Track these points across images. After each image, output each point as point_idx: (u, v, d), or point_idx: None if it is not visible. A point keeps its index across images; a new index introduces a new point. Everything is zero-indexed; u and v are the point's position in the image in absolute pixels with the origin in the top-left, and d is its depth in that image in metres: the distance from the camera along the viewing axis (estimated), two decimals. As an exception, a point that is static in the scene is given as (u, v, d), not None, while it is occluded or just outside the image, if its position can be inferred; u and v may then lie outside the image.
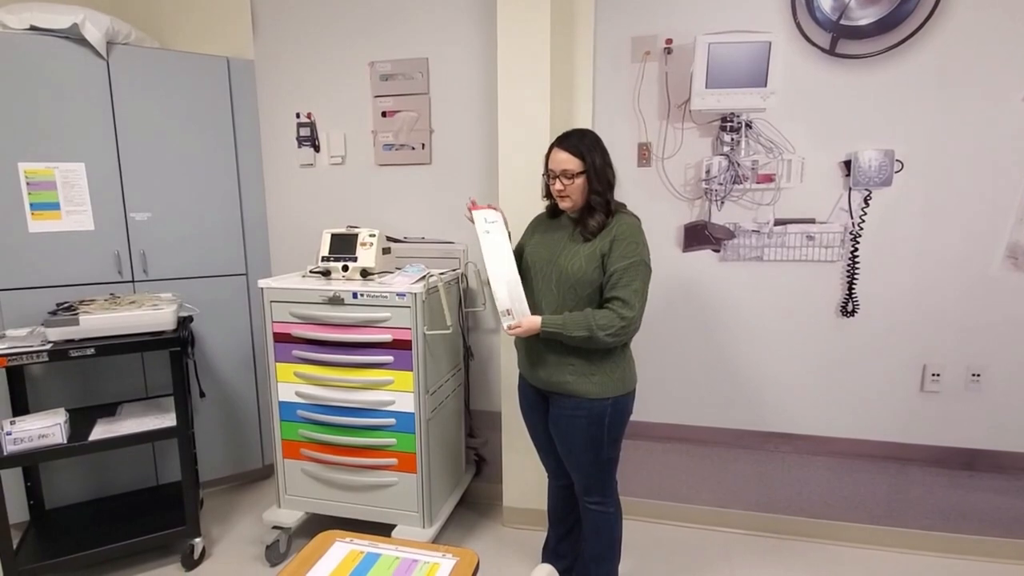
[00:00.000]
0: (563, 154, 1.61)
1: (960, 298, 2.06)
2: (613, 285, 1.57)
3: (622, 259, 1.57)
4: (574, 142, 1.62)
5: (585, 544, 1.82)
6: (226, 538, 2.32)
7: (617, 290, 1.56)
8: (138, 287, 2.34)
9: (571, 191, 1.62)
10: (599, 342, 1.56)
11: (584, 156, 1.60)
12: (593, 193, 1.62)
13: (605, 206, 1.63)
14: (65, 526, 2.18)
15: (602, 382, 1.64)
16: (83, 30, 2.10)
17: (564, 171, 1.60)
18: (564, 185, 1.61)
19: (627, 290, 1.56)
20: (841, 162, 2.06)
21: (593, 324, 1.54)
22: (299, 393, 2.13)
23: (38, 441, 1.89)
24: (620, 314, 1.54)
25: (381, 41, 2.41)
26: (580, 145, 1.61)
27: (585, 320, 1.56)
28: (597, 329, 1.54)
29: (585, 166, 1.60)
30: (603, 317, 1.55)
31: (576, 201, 1.63)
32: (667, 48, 2.12)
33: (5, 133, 2.08)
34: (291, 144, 2.59)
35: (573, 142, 1.62)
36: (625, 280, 1.56)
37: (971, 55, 1.92)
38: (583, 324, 1.55)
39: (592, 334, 1.55)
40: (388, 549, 1.21)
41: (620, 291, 1.56)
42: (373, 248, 2.14)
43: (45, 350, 1.85)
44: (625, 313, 1.54)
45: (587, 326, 1.55)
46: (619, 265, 1.57)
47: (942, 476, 2.17)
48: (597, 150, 1.62)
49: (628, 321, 1.55)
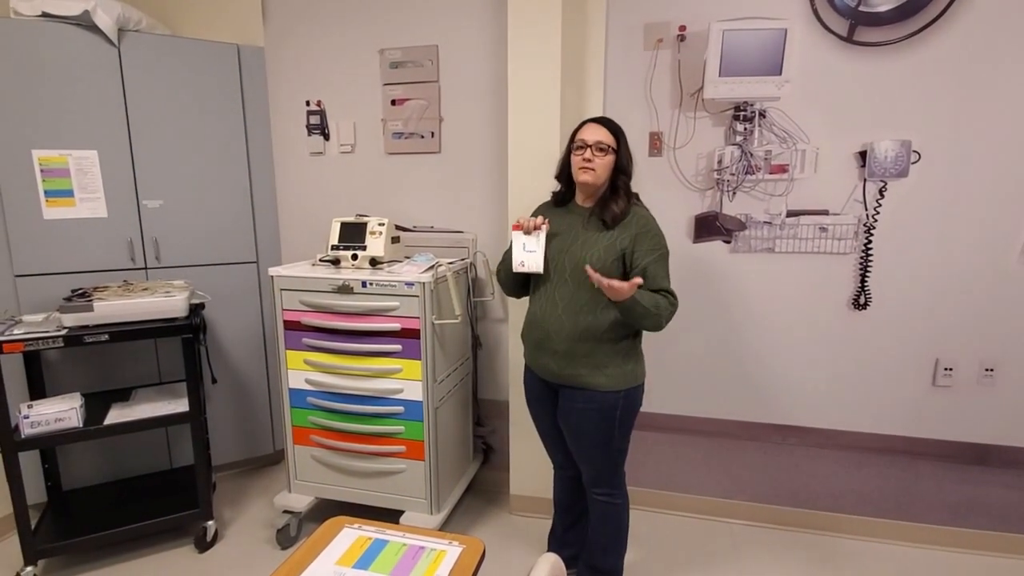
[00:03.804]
0: (600, 128, 1.65)
1: (975, 292, 2.02)
2: (652, 277, 1.60)
3: (652, 252, 1.61)
4: (609, 121, 1.67)
5: (592, 534, 1.84)
6: (238, 521, 2.37)
7: (658, 282, 1.61)
8: (151, 274, 2.37)
9: (599, 165, 1.63)
10: (656, 323, 1.58)
11: (618, 136, 1.66)
12: (620, 173, 1.66)
13: (628, 190, 1.66)
14: (81, 507, 2.23)
15: (614, 375, 1.65)
16: (94, 17, 2.10)
17: (598, 142, 1.63)
18: (593, 156, 1.62)
19: (666, 280, 1.63)
20: (856, 152, 2.02)
21: (659, 304, 1.57)
22: (309, 380, 2.15)
23: (55, 425, 1.93)
24: (670, 301, 1.60)
25: (391, 28, 2.39)
26: (615, 125, 1.67)
27: (654, 299, 1.57)
28: (661, 310, 1.57)
29: (619, 144, 1.65)
30: (661, 300, 1.58)
31: (599, 176, 1.64)
32: (680, 35, 2.09)
33: (19, 120, 2.10)
34: (301, 132, 2.59)
35: (608, 121, 1.67)
36: (660, 273, 1.62)
37: (993, 44, 1.87)
38: (654, 302, 1.56)
39: (659, 312, 1.57)
40: (395, 536, 1.22)
41: (662, 282, 1.61)
42: (382, 237, 2.14)
43: (61, 335, 1.88)
44: (674, 301, 1.61)
45: (657, 304, 1.56)
46: (650, 259, 1.61)
47: (953, 471, 2.15)
48: (622, 134, 1.68)
49: (676, 307, 1.62)
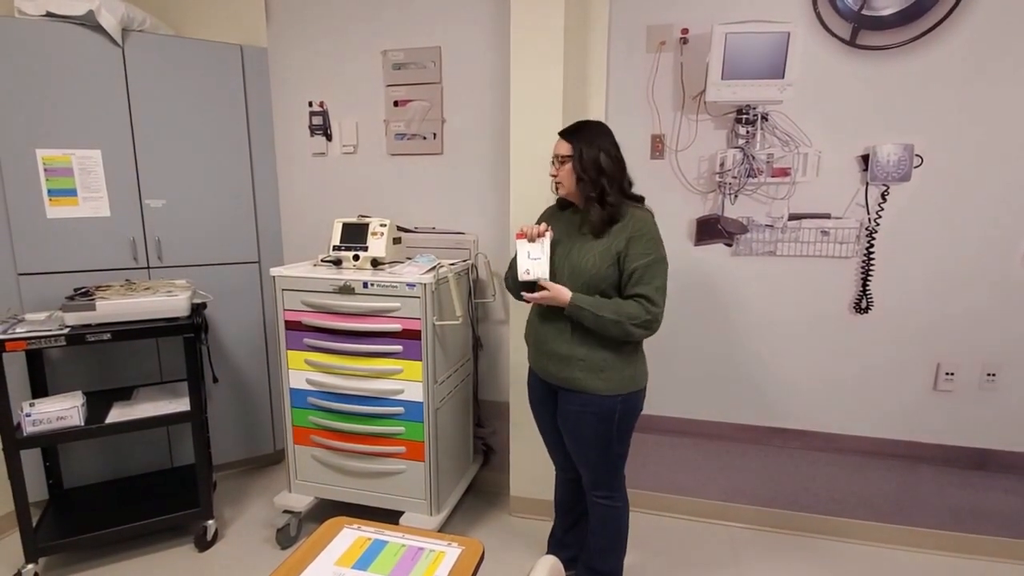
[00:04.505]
0: (560, 140, 1.67)
1: (977, 297, 2.02)
2: (636, 282, 1.57)
3: (642, 256, 1.57)
4: (570, 129, 1.67)
5: (591, 536, 1.83)
6: (238, 520, 2.37)
7: (640, 287, 1.57)
8: (153, 273, 2.37)
9: (561, 175, 1.66)
10: (625, 330, 1.56)
11: (574, 142, 1.63)
12: (579, 180, 1.62)
13: (600, 197, 1.61)
14: (82, 505, 2.24)
15: (612, 379, 1.64)
16: (99, 17, 2.11)
17: (556, 155, 1.67)
18: (556, 169, 1.67)
19: (650, 287, 1.56)
20: (859, 156, 2.02)
21: (622, 311, 1.55)
22: (310, 380, 2.15)
23: (56, 423, 1.94)
24: (646, 308, 1.55)
25: (394, 29, 2.40)
26: (575, 132, 1.65)
27: (615, 305, 1.56)
28: (625, 317, 1.54)
29: (573, 151, 1.62)
30: (631, 306, 1.56)
31: (566, 186, 1.67)
32: (683, 38, 2.09)
33: (23, 119, 2.11)
34: (304, 133, 2.59)
35: (569, 128, 1.67)
36: (647, 277, 1.57)
37: (996, 48, 1.87)
38: (612, 308, 1.56)
39: (619, 319, 1.54)
40: (395, 537, 1.23)
41: (643, 288, 1.56)
42: (384, 238, 2.15)
43: (63, 334, 1.89)
44: (651, 308, 1.55)
45: (616, 310, 1.55)
46: (640, 263, 1.57)
47: (953, 475, 2.15)
48: (593, 139, 1.61)
49: (653, 316, 1.56)
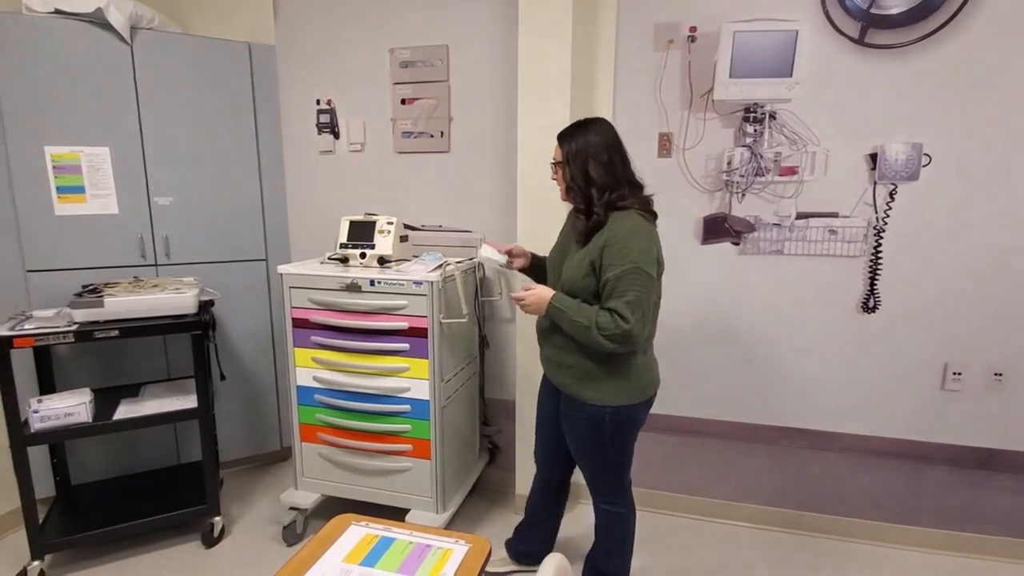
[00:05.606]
0: (556, 145, 1.60)
1: (985, 296, 2.01)
2: (608, 294, 1.46)
3: (612, 267, 1.45)
4: (563, 132, 1.58)
5: (597, 537, 1.83)
6: (245, 517, 2.38)
7: (611, 300, 1.45)
8: (161, 271, 2.38)
9: (558, 180, 1.62)
10: (596, 341, 1.46)
11: (564, 147, 1.55)
12: (568, 190, 1.56)
13: (586, 203, 1.53)
14: (89, 502, 2.25)
15: (601, 388, 1.57)
16: (107, 14, 2.11)
17: (553, 160, 1.62)
18: (553, 173, 1.63)
19: (620, 301, 1.43)
20: (867, 155, 2.01)
21: (594, 318, 1.45)
22: (317, 378, 2.16)
23: (64, 419, 1.94)
24: (617, 322, 1.43)
25: (401, 28, 2.40)
26: (566, 137, 1.56)
27: (591, 312, 1.47)
28: (595, 327, 1.44)
29: (564, 158, 1.55)
30: (603, 316, 1.45)
31: (562, 192, 1.63)
32: (691, 36, 2.08)
33: (31, 117, 2.11)
34: (311, 130, 2.60)
35: (563, 132, 1.58)
36: (620, 289, 1.43)
37: (1006, 46, 1.86)
38: (587, 314, 1.47)
39: (590, 326, 1.45)
40: (402, 534, 1.22)
41: (613, 301, 1.44)
42: (391, 236, 2.15)
43: (71, 331, 1.89)
44: (621, 323, 1.42)
45: (589, 317, 1.46)
46: (611, 274, 1.45)
47: (960, 475, 2.14)
48: (584, 147, 1.51)
49: (624, 331, 1.42)
